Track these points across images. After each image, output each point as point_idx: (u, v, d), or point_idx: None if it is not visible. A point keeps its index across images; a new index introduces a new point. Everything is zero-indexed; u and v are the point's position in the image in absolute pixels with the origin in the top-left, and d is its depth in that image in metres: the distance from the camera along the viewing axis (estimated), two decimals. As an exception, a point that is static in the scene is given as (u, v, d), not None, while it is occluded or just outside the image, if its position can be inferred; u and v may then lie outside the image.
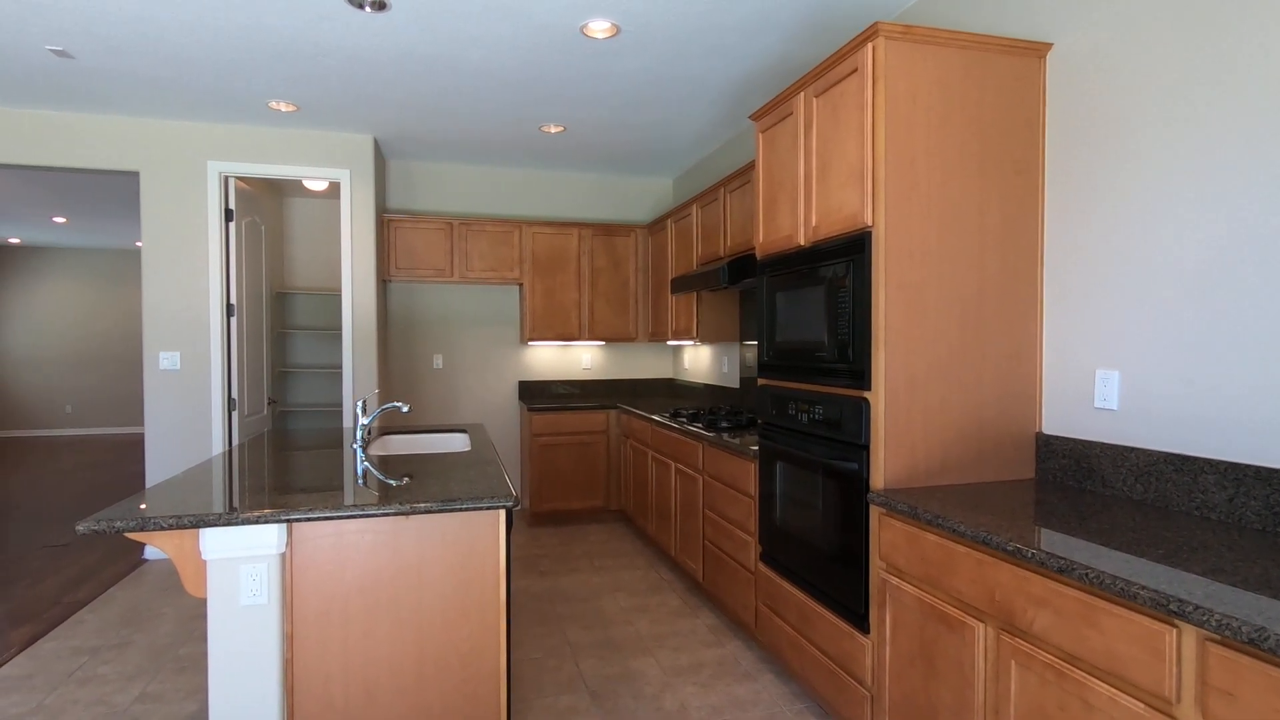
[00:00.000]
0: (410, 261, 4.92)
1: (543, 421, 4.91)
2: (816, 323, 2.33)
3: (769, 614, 2.73)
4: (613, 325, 5.32)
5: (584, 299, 5.26)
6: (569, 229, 5.22)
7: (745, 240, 3.60)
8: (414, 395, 5.25)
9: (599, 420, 5.02)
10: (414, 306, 5.26)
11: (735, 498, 3.04)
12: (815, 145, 2.35)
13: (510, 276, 5.11)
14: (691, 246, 4.38)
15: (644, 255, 5.38)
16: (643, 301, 5.39)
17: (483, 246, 5.05)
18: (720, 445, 3.18)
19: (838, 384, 2.22)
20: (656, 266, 5.16)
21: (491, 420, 5.42)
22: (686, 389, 5.41)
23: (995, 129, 2.12)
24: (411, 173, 5.23)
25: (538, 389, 5.50)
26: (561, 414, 4.94)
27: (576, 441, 4.98)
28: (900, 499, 1.91)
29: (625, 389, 5.69)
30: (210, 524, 1.75)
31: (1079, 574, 1.34)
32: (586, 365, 5.61)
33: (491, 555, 2.00)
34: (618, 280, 5.34)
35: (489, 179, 5.40)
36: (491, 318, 5.42)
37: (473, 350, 5.38)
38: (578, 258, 5.24)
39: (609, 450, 5.05)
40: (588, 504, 5.01)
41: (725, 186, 3.86)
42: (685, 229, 4.51)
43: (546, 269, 5.18)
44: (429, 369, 5.29)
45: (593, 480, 5.03)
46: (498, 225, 5.07)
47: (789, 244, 2.54)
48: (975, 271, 2.11)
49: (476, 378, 5.39)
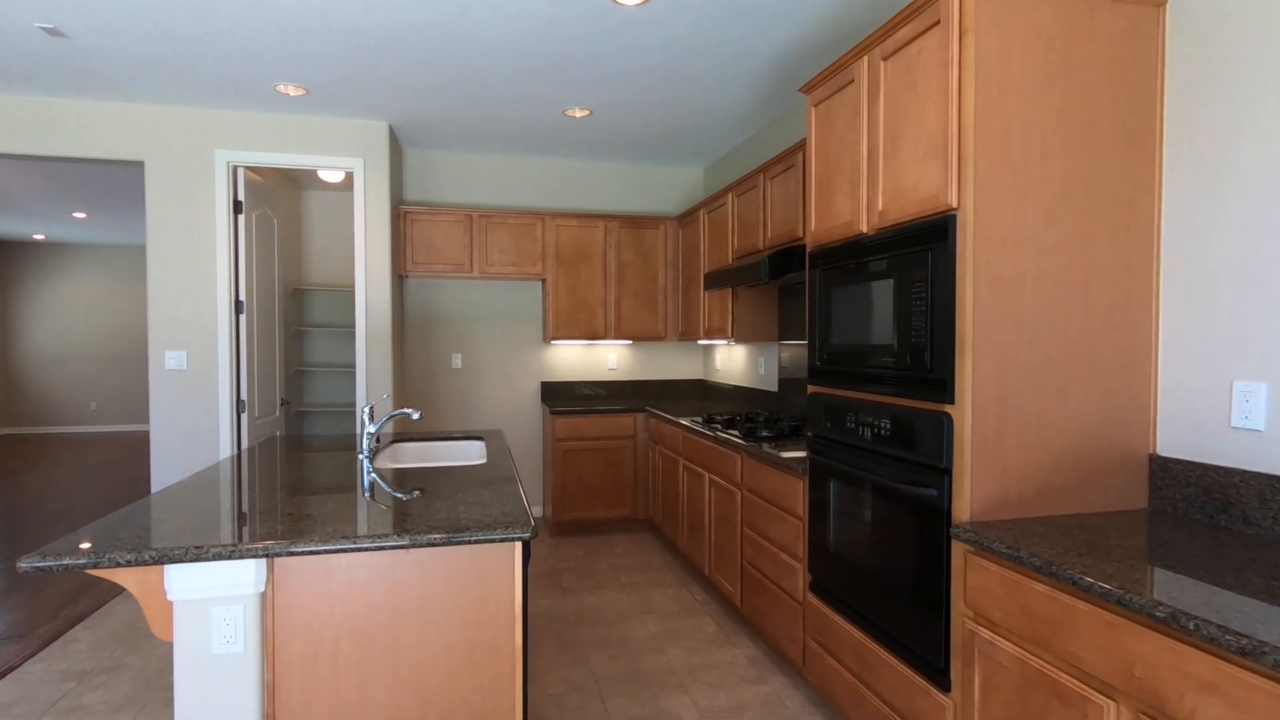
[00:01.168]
0: (428, 256, 4.67)
1: (566, 425, 4.63)
2: (883, 323, 2.01)
3: (820, 651, 2.41)
4: (640, 323, 5.03)
5: (610, 295, 4.97)
6: (594, 221, 4.93)
7: (788, 231, 3.28)
8: (432, 396, 5.01)
9: (625, 424, 4.73)
10: (432, 303, 5.01)
11: (780, 517, 2.73)
12: (883, 116, 2.02)
13: (532, 271, 4.84)
14: (726, 239, 4.06)
15: (673, 249, 5.07)
16: (672, 298, 5.08)
17: (503, 240, 4.79)
18: (762, 457, 2.87)
19: (911, 395, 1.89)
20: (687, 261, 4.85)
21: (512, 423, 5.15)
22: (718, 391, 5.09)
23: (1104, 92, 1.78)
24: (429, 163, 4.97)
25: (561, 390, 5.23)
26: (586, 417, 4.66)
27: (602, 447, 4.69)
28: (995, 536, 1.59)
29: (653, 390, 5.39)
30: (176, 559, 1.49)
31: (1272, 660, 1.01)
32: (612, 366, 5.32)
33: (506, 594, 1.72)
34: (646, 275, 5.04)
35: (510, 169, 5.12)
36: (512, 315, 5.16)
37: (493, 349, 5.12)
38: (603, 251, 4.95)
39: (636, 456, 4.76)
40: (614, 513, 4.72)
41: (765, 173, 3.53)
42: (719, 220, 4.19)
43: (570, 263, 4.90)
44: (447, 369, 5.04)
45: (619, 488, 4.74)
46: (519, 217, 4.80)
47: (847, 232, 2.21)
48: (1079, 263, 1.77)
49: (497, 378, 5.13)
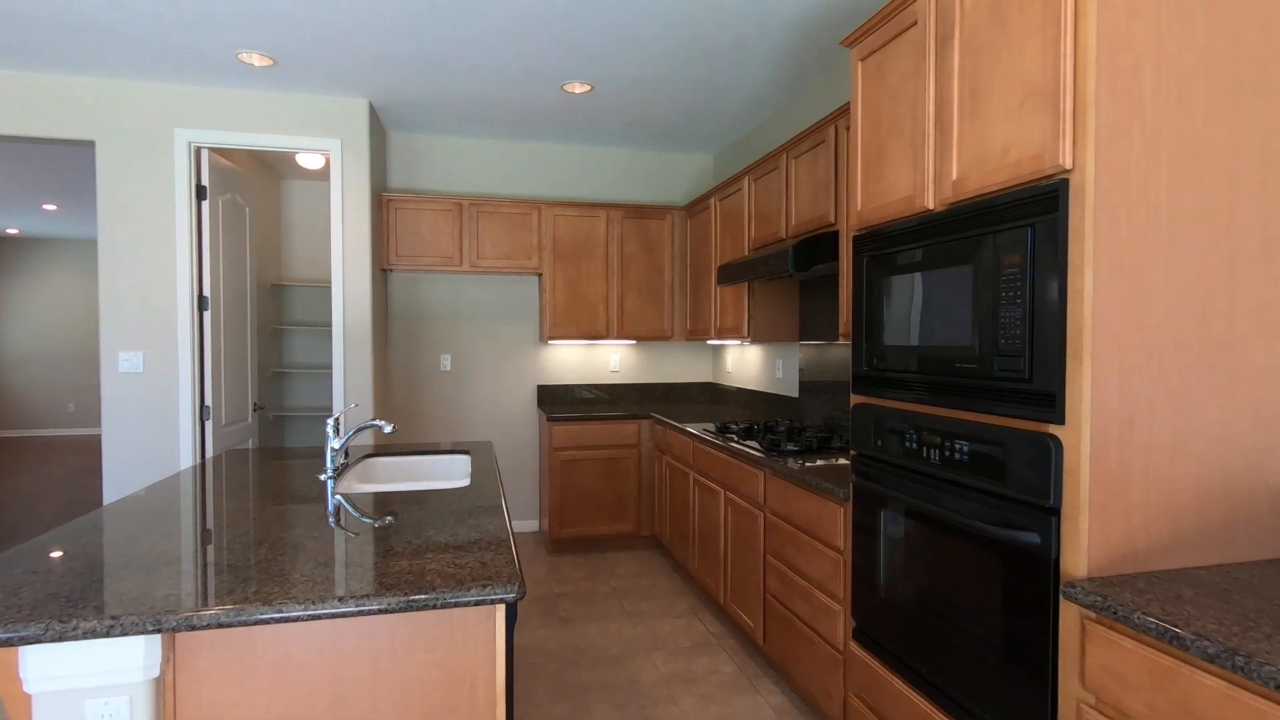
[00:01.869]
0: (413, 248, 4.27)
1: (564, 433, 4.23)
2: (958, 320, 1.61)
3: (865, 711, 2.02)
4: (645, 322, 4.63)
5: (612, 291, 4.57)
6: (595, 211, 4.53)
7: (817, 216, 2.88)
8: (418, 402, 4.61)
9: (629, 432, 4.33)
10: (418, 300, 4.62)
11: (814, 549, 2.33)
12: (958, 63, 1.63)
13: (528, 265, 4.44)
14: (742, 228, 3.67)
15: (681, 241, 4.68)
16: (679, 295, 4.69)
17: (496, 231, 4.39)
18: (791, 476, 2.47)
19: (1001, 410, 1.50)
20: (696, 254, 4.45)
21: (506, 430, 4.76)
22: (729, 396, 4.70)
23: (1253, 23, 1.39)
24: (415, 147, 4.58)
25: (559, 394, 4.83)
26: (586, 424, 4.27)
27: (603, 456, 4.30)
28: (1131, 601, 1.19)
29: (658, 394, 5.00)
30: (33, 639, 1.09)
31: None
32: (614, 367, 4.93)
33: (483, 671, 1.32)
34: (651, 270, 4.64)
35: (503, 155, 4.73)
36: (506, 312, 4.76)
37: (485, 350, 4.73)
38: (605, 244, 4.56)
39: (641, 467, 4.36)
40: (616, 528, 4.33)
41: (789, 152, 3.14)
42: (734, 207, 3.80)
43: (569, 257, 4.50)
44: (435, 371, 4.65)
45: (622, 501, 4.34)
46: (513, 206, 4.40)
47: (906, 209, 1.82)
48: (1223, 242, 1.38)
49: (489, 381, 4.73)
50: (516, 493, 4.79)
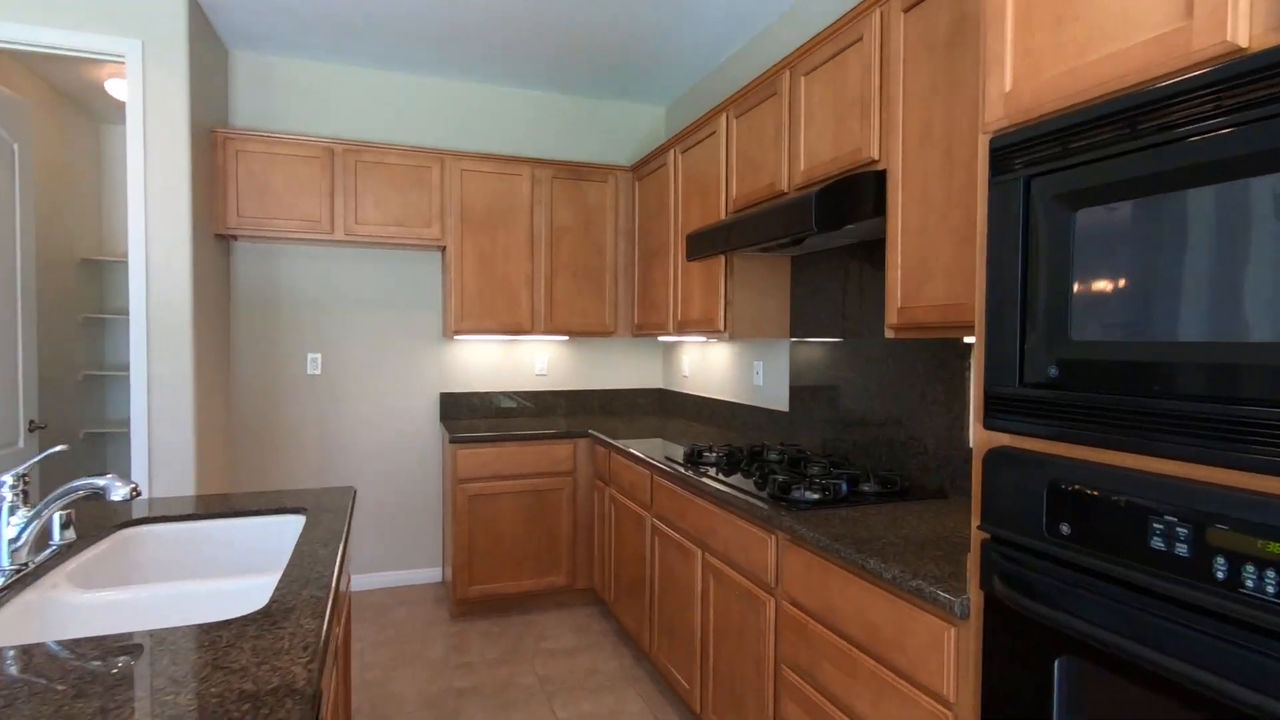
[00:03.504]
0: (263, 207, 3.11)
1: (473, 459, 3.18)
2: None
3: None
4: (581, 312, 3.63)
5: (539, 272, 3.55)
6: (517, 167, 3.49)
7: (848, 152, 1.96)
8: (273, 418, 3.44)
9: (561, 455, 3.32)
10: (275, 279, 3.44)
11: (883, 683, 1.40)
12: None
13: (426, 236, 3.35)
14: (717, 184, 2.72)
15: (628, 211, 3.70)
16: (625, 278, 3.71)
17: (382, 188, 3.28)
18: (836, 552, 1.53)
19: None
20: (648, 227, 3.48)
21: (398, 453, 3.65)
22: (688, 407, 3.76)
23: None
24: (270, 73, 3.40)
25: (469, 405, 3.76)
26: (503, 447, 3.23)
27: (526, 488, 3.27)
28: None
29: (597, 405, 4.00)
30: None
31: None
32: (541, 370, 3.90)
33: None
34: (588, 246, 3.64)
35: (394, 89, 3.61)
36: (398, 298, 3.65)
37: (369, 347, 3.60)
38: (530, 210, 3.52)
39: (576, 500, 3.36)
40: (544, 582, 3.31)
41: (794, 68, 2.21)
42: (704, 160, 2.85)
43: (482, 226, 3.44)
44: (299, 375, 3.49)
45: (551, 547, 3.33)
46: (407, 157, 3.31)
47: (1172, 59, 0.89)
48: None
49: (375, 388, 3.61)
50: (414, 534, 3.69)
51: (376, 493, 3.61)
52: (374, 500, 3.60)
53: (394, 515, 3.64)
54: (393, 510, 3.64)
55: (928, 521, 1.69)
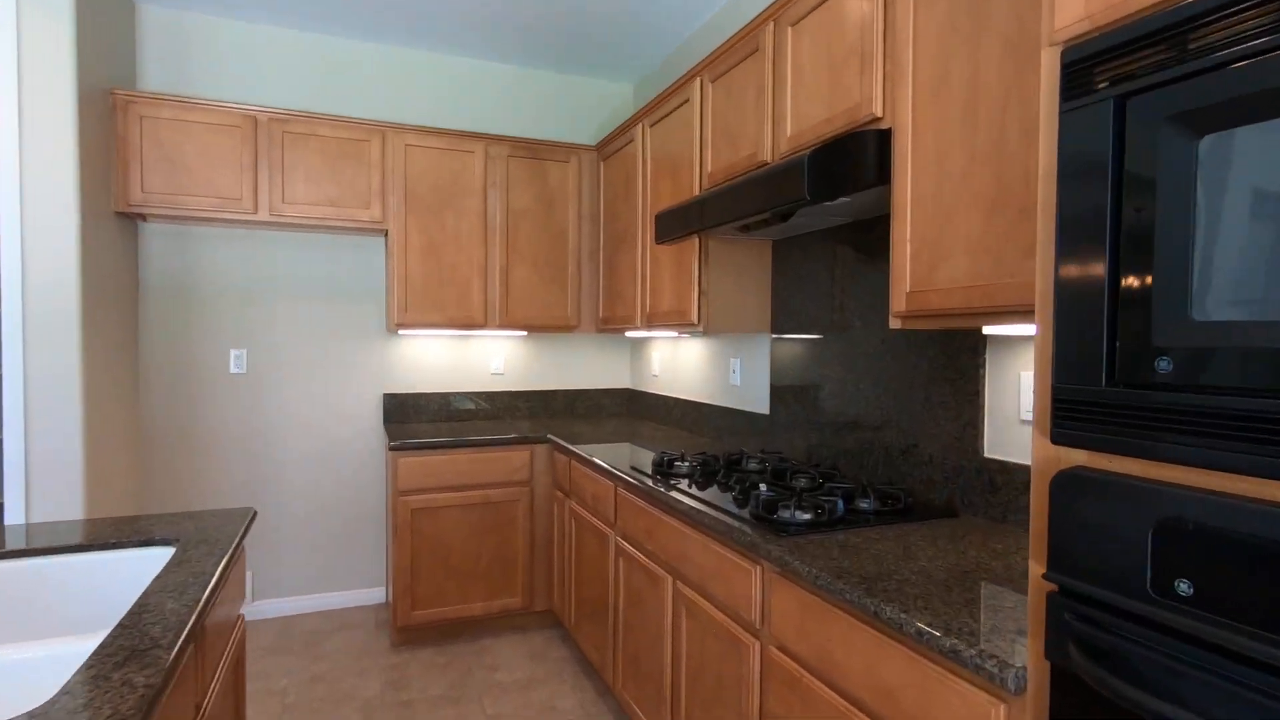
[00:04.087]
0: (175, 182, 2.73)
1: (416, 468, 2.83)
2: None
3: None
4: (540, 305, 3.30)
5: (493, 260, 3.21)
6: (468, 142, 3.14)
7: (846, 110, 1.67)
8: (188, 423, 3.04)
9: (517, 463, 2.99)
10: (190, 264, 3.05)
11: (900, 759, 1.10)
12: None
13: (365, 219, 2.99)
14: (690, 159, 2.42)
15: (591, 194, 3.38)
16: (589, 268, 3.39)
17: (315, 164, 2.92)
18: (840, 594, 1.23)
19: None
20: (614, 211, 3.17)
21: (334, 463, 3.27)
22: (659, 409, 3.45)
23: None
24: (186, 31, 3.01)
25: (416, 407, 3.40)
26: (450, 454, 2.88)
27: (477, 500, 2.93)
28: None
29: (559, 406, 3.67)
30: None
31: None
32: (497, 369, 3.56)
33: None
34: (549, 233, 3.31)
35: (330, 54, 3.24)
36: (335, 288, 3.28)
37: (302, 342, 3.22)
38: (483, 191, 3.18)
39: (533, 512, 3.03)
40: (497, 604, 2.97)
41: (777, 19, 1.92)
42: (676, 134, 2.54)
43: (430, 208, 3.09)
44: (220, 373, 3.10)
45: (505, 564, 2.99)
46: (342, 128, 2.95)
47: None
48: None
49: (309, 388, 3.23)
50: (355, 550, 3.32)
51: (311, 505, 3.23)
52: (308, 514, 3.23)
53: (332, 530, 3.26)
54: (330, 525, 3.27)
55: (944, 550, 1.40)
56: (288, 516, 3.19)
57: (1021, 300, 1.20)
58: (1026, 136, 1.20)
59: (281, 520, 3.18)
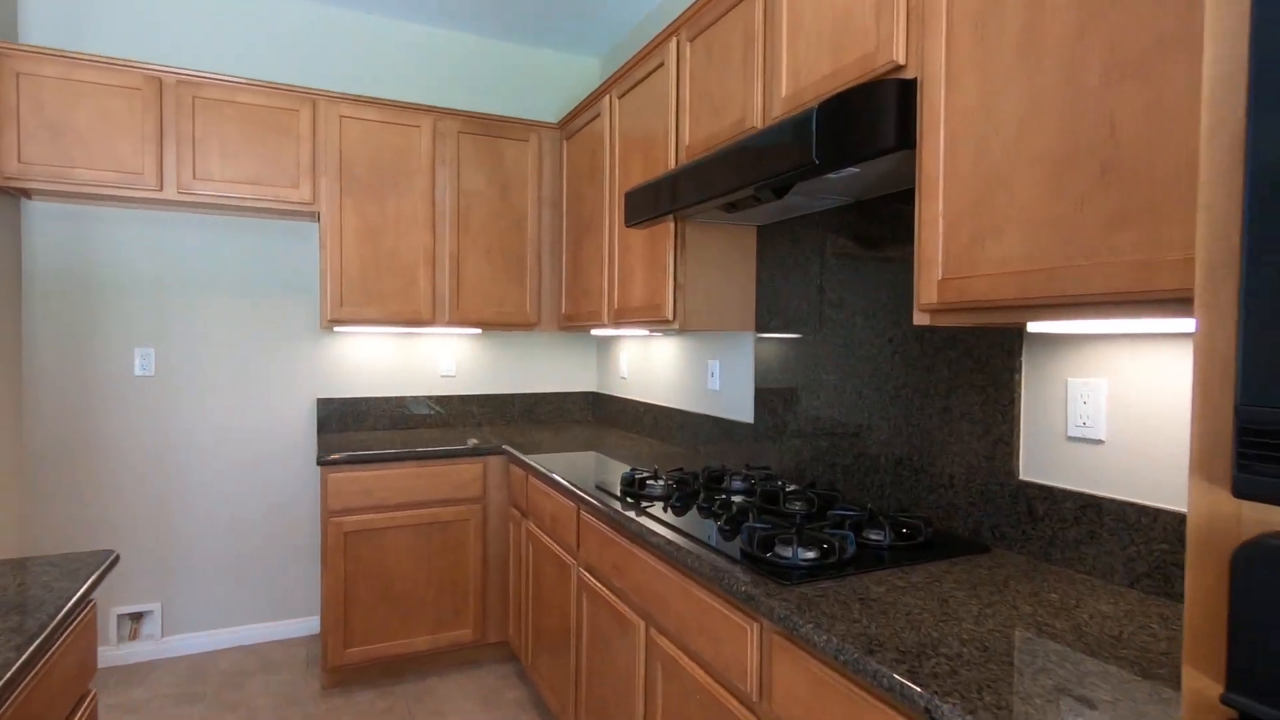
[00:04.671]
0: (61, 153, 2.32)
1: (351, 486, 2.47)
2: None
3: None
4: (497, 299, 2.96)
5: (443, 248, 2.86)
6: (414, 115, 2.79)
7: (860, 59, 1.37)
8: (87, 430, 2.63)
9: (467, 477, 2.64)
10: (87, 250, 2.64)
11: None
12: None
13: (293, 199, 2.62)
14: (666, 132, 2.11)
15: (554, 177, 3.05)
16: (550, 258, 3.05)
17: (232, 134, 2.53)
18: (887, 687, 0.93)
19: None
20: (579, 195, 2.84)
21: (260, 478, 2.89)
22: (628, 415, 3.13)
23: None
24: (82, -20, 2.60)
25: (356, 414, 3.03)
26: (391, 469, 2.53)
27: (424, 520, 2.58)
28: None
29: (517, 412, 3.33)
30: None
31: None
32: (448, 370, 3.20)
33: None
34: (506, 218, 2.97)
35: (253, 9, 2.85)
36: (261, 279, 2.89)
37: (220, 340, 2.83)
38: (431, 171, 2.83)
39: (486, 532, 2.69)
40: (445, 637, 2.62)
41: (772, -42, 1.62)
42: (648, 104, 2.23)
43: (369, 188, 2.73)
44: (123, 375, 2.69)
45: (454, 592, 2.65)
46: (266, 95, 2.57)
47: None
48: None
49: (229, 393, 2.84)
50: (286, 576, 2.94)
51: (234, 527, 2.84)
52: (230, 536, 2.84)
53: (258, 554, 2.88)
54: (256, 548, 2.88)
55: (989, 603, 1.11)
56: (206, 540, 2.80)
57: (1105, 288, 0.92)
58: (1114, 71, 0.92)
59: (198, 544, 2.79)
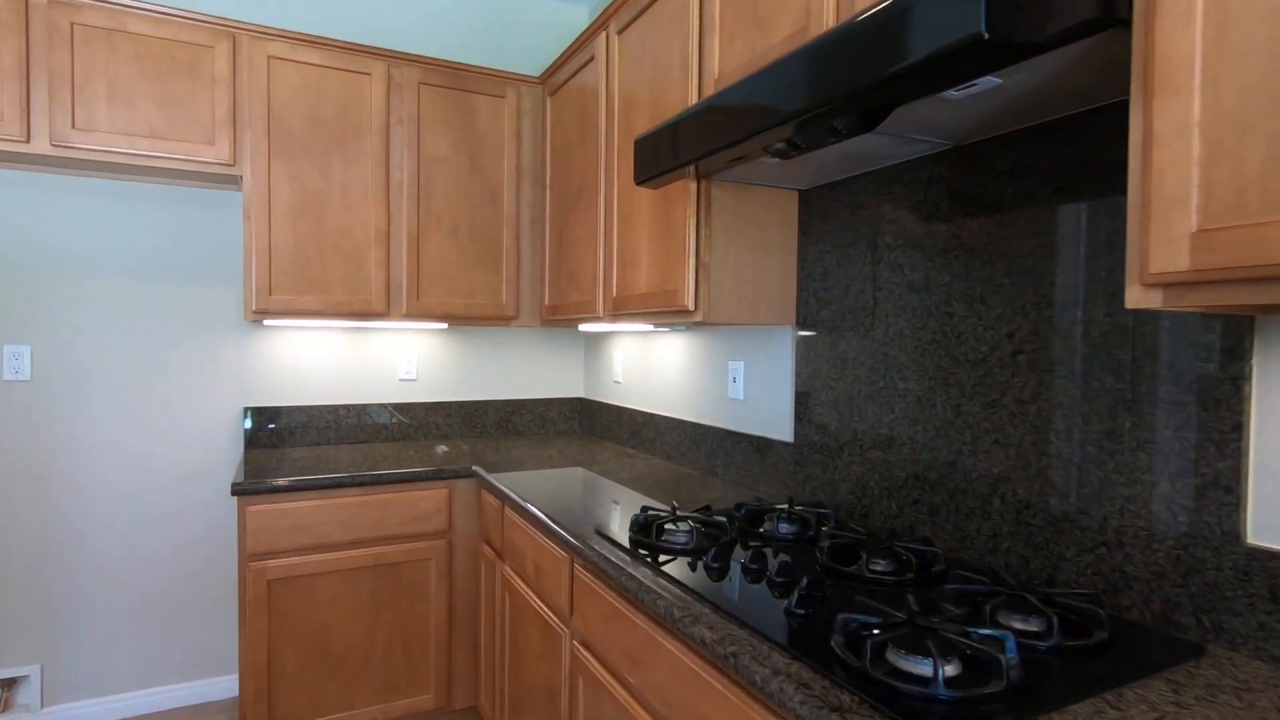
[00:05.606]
0: (-114, 88, 1.76)
1: (278, 521, 1.94)
2: None
3: None
4: (466, 287, 2.44)
5: (400, 225, 2.34)
6: (364, 60, 2.26)
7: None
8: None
9: (428, 507, 2.13)
10: (-58, 223, 2.08)
11: None
12: None
13: (207, 159, 2.08)
14: (684, 61, 1.61)
15: (536, 139, 2.54)
16: (530, 238, 2.55)
17: (125, 74, 1.99)
18: None
19: None
20: (566, 161, 2.34)
21: (168, 507, 2.34)
22: (622, 426, 2.63)
23: None
24: (-70, -126, 2.03)
25: (291, 427, 2.49)
26: (328, 500, 2.00)
27: (371, 562, 2.06)
28: None
29: (490, 421, 2.81)
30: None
31: None
32: (408, 373, 2.68)
33: None
34: (477, 189, 2.46)
35: (165, -69, 2.30)
36: (168, 259, 2.34)
37: (115, 336, 2.28)
38: (385, 130, 2.30)
39: (452, 572, 2.18)
40: (398, 704, 2.11)
41: None
42: (660, 32, 1.74)
43: (306, 147, 2.20)
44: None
45: (410, 648, 2.13)
46: (170, 26, 2.02)
47: None
48: None
49: (126, 401, 2.29)
50: (203, 627, 2.39)
51: (135, 567, 2.29)
52: (130, 579, 2.29)
53: (167, 601, 2.33)
54: (164, 593, 2.33)
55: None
56: (99, 584, 2.25)
57: None
58: None
59: (89, 590, 2.24)
